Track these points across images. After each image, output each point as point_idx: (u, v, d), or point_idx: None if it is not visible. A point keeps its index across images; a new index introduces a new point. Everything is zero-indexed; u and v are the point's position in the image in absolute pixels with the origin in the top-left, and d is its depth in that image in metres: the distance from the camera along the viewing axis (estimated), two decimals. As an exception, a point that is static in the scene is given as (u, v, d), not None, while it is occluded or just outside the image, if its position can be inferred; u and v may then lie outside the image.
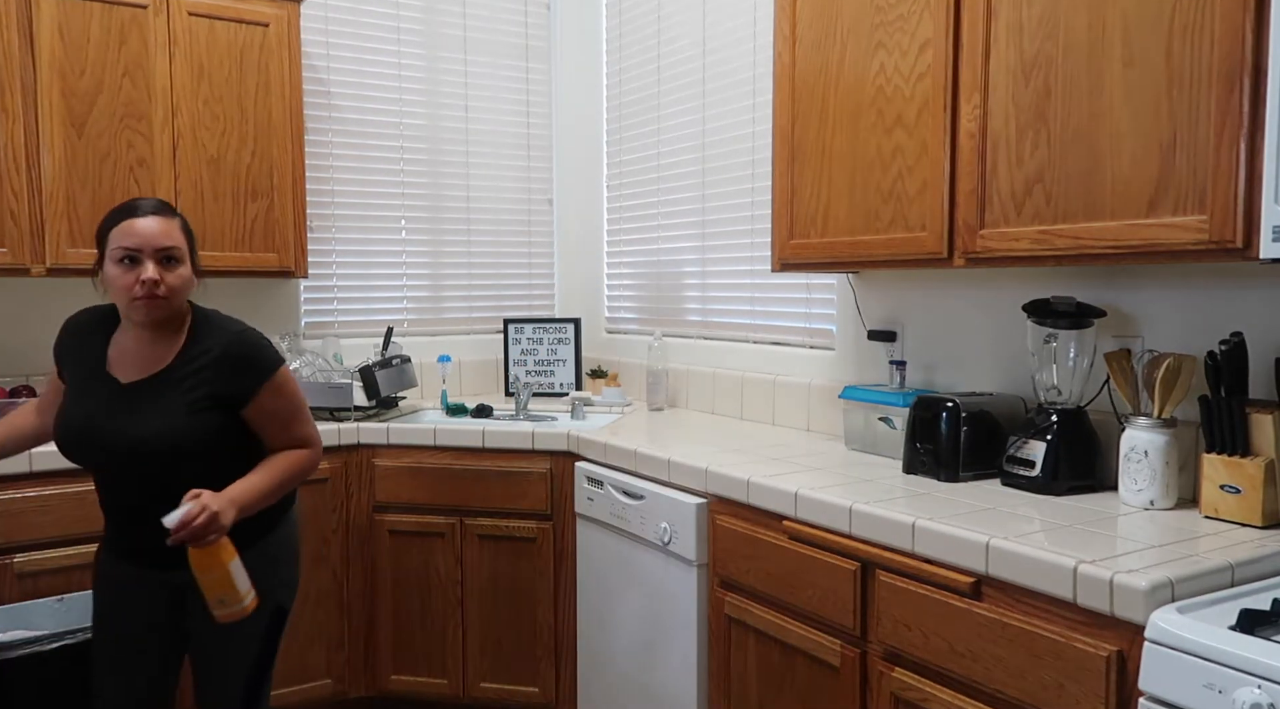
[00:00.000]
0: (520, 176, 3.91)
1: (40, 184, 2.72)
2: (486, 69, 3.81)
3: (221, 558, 1.72)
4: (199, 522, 1.66)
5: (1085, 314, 1.97)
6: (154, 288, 1.76)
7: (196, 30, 2.92)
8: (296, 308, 3.46)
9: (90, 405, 1.82)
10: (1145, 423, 1.81)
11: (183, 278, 1.82)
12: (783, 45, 2.40)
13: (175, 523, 1.65)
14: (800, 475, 2.13)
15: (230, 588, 1.74)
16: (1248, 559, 1.49)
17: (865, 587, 1.84)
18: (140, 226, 1.77)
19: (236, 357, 1.83)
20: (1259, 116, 1.47)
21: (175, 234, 1.81)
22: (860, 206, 2.20)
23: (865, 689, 1.85)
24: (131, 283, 1.76)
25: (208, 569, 1.71)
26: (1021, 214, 1.84)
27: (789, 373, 2.92)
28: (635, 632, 2.52)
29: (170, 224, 1.82)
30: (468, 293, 3.84)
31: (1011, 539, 1.58)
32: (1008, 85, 1.86)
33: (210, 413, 1.81)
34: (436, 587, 2.95)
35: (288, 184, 3.10)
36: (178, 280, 1.81)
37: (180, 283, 1.82)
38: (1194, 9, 1.55)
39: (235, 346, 1.84)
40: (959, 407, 2.08)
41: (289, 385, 1.91)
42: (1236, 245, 1.51)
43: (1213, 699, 1.24)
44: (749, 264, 3.07)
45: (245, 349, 1.85)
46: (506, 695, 2.92)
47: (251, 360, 1.85)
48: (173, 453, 1.78)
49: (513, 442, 2.86)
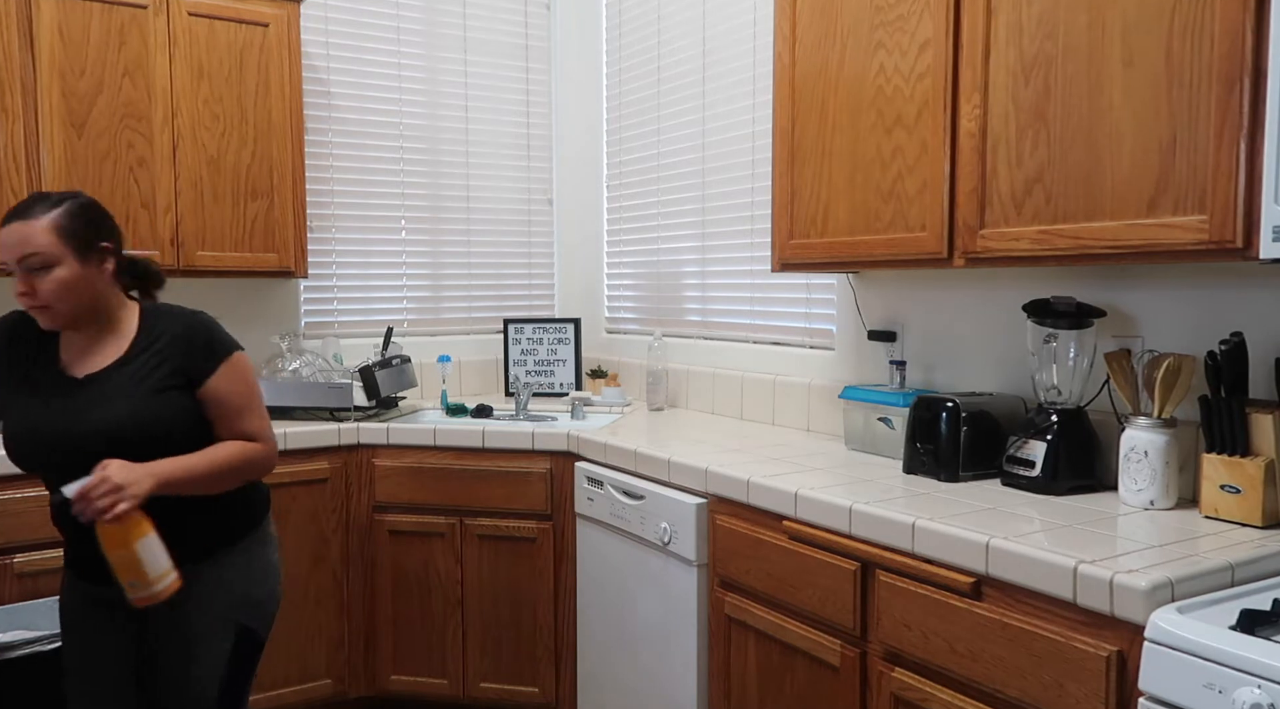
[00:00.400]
0: (520, 176, 3.91)
1: (40, 184, 2.72)
2: (486, 69, 3.81)
3: (129, 534, 1.59)
4: (102, 490, 1.55)
5: (1085, 314, 1.97)
6: (28, 300, 1.67)
7: (196, 30, 2.92)
8: (296, 308, 3.46)
9: (42, 402, 1.74)
10: (1145, 423, 1.81)
11: (58, 282, 1.67)
12: (783, 45, 2.40)
13: (74, 493, 1.54)
14: (800, 475, 2.13)
15: (138, 569, 1.60)
16: (1248, 559, 1.49)
17: (865, 587, 1.84)
18: (1, 240, 1.68)
19: (196, 334, 1.77)
20: (1259, 117, 1.47)
21: (36, 237, 1.66)
22: (860, 206, 2.20)
23: (865, 689, 1.85)
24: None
25: (114, 546, 1.59)
26: (1021, 214, 1.84)
27: (789, 373, 2.92)
28: (635, 632, 2.52)
29: (30, 227, 1.66)
30: (468, 293, 3.84)
31: (1011, 539, 1.58)
32: (1008, 85, 1.86)
33: (175, 392, 1.74)
34: (436, 587, 2.95)
35: (288, 184, 3.10)
36: (51, 286, 1.67)
37: (55, 288, 1.67)
38: (1194, 9, 1.55)
39: (196, 326, 1.79)
40: (959, 407, 2.08)
41: (247, 373, 1.83)
42: (1236, 245, 1.51)
43: (1213, 699, 1.24)
44: (749, 264, 3.07)
45: (205, 329, 1.79)
46: (506, 695, 2.92)
47: (211, 339, 1.79)
48: (141, 435, 1.69)
49: (513, 442, 2.86)
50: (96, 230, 1.74)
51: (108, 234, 1.77)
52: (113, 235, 1.78)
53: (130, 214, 2.84)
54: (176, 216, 2.92)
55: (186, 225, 2.93)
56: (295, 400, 3.04)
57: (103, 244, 1.75)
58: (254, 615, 1.87)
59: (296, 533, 2.86)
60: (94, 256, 1.73)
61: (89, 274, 1.72)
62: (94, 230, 1.74)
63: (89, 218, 1.74)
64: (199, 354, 1.77)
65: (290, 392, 3.04)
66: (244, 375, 1.82)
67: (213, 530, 1.83)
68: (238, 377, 1.80)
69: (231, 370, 1.79)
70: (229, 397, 1.79)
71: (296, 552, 2.87)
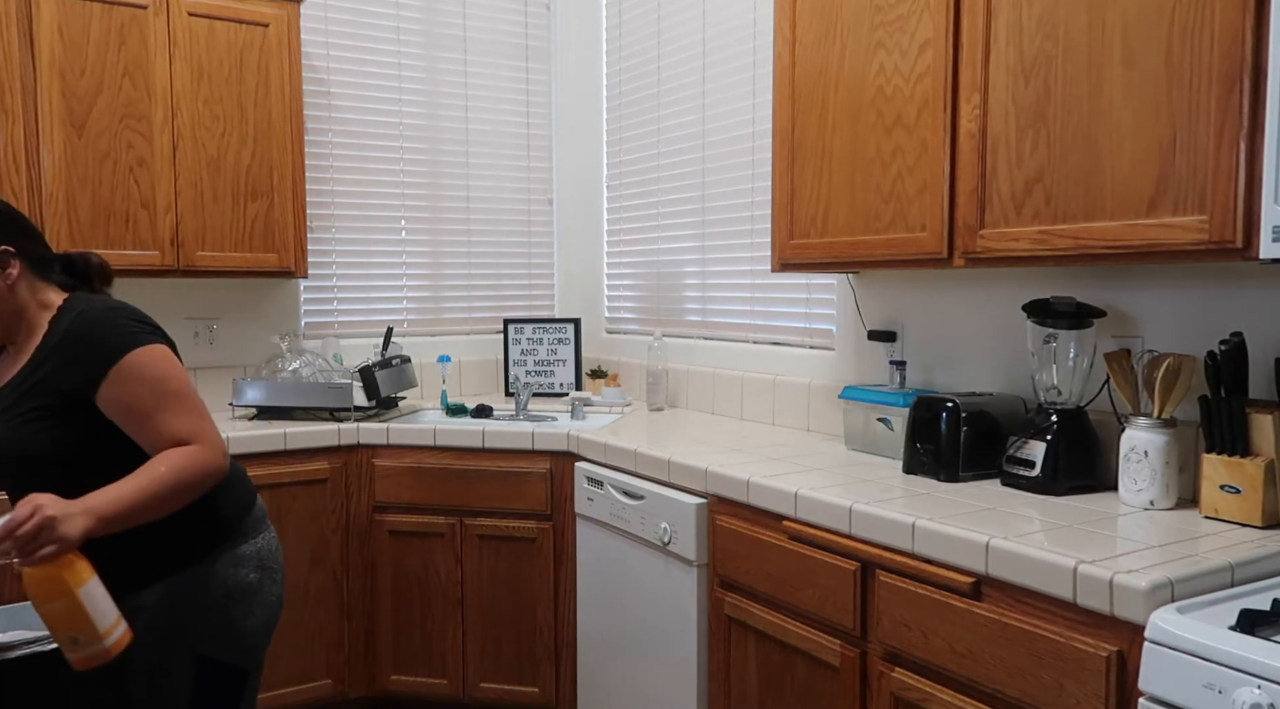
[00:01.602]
0: (520, 176, 3.91)
1: (40, 184, 2.72)
2: (486, 69, 3.81)
3: (66, 581, 1.31)
4: (27, 527, 1.29)
5: (1085, 314, 1.97)
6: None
7: (196, 30, 2.92)
8: (296, 308, 3.46)
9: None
10: (1145, 423, 1.81)
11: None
12: (783, 45, 2.40)
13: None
14: (800, 475, 2.13)
15: (83, 621, 1.32)
16: (1248, 559, 1.49)
17: (865, 587, 1.84)
18: None
19: (73, 340, 1.50)
20: (1259, 117, 1.47)
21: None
22: (860, 207, 2.20)
23: (865, 689, 1.85)
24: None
25: (49, 596, 1.31)
26: (1021, 214, 1.84)
27: (789, 373, 2.92)
28: (635, 632, 2.52)
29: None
30: (468, 293, 3.84)
31: (1011, 539, 1.58)
32: (1008, 85, 1.86)
33: (46, 419, 1.48)
34: (436, 587, 2.95)
35: (288, 184, 3.10)
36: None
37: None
38: (1194, 9, 1.55)
39: (74, 327, 1.51)
40: (959, 407, 2.08)
41: (148, 370, 1.50)
42: (1236, 245, 1.51)
43: (1213, 699, 1.24)
44: (749, 264, 3.07)
45: (83, 329, 1.50)
46: (506, 695, 2.92)
47: (90, 343, 1.49)
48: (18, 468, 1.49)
49: (513, 442, 2.86)
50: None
51: (5, 236, 1.54)
52: (12, 236, 1.55)
53: (130, 214, 2.85)
54: (176, 217, 2.92)
55: (186, 225, 2.93)
56: (295, 400, 3.04)
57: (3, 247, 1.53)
58: (223, 646, 1.60)
59: (296, 533, 2.86)
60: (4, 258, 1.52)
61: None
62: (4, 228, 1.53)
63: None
64: (75, 367, 1.49)
65: (290, 392, 3.04)
66: (142, 375, 1.50)
67: (154, 552, 1.56)
68: (135, 378, 1.49)
69: (123, 375, 1.49)
70: (130, 404, 1.49)
71: (296, 552, 2.87)
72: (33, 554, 1.30)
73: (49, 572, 1.30)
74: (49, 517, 1.31)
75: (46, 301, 1.58)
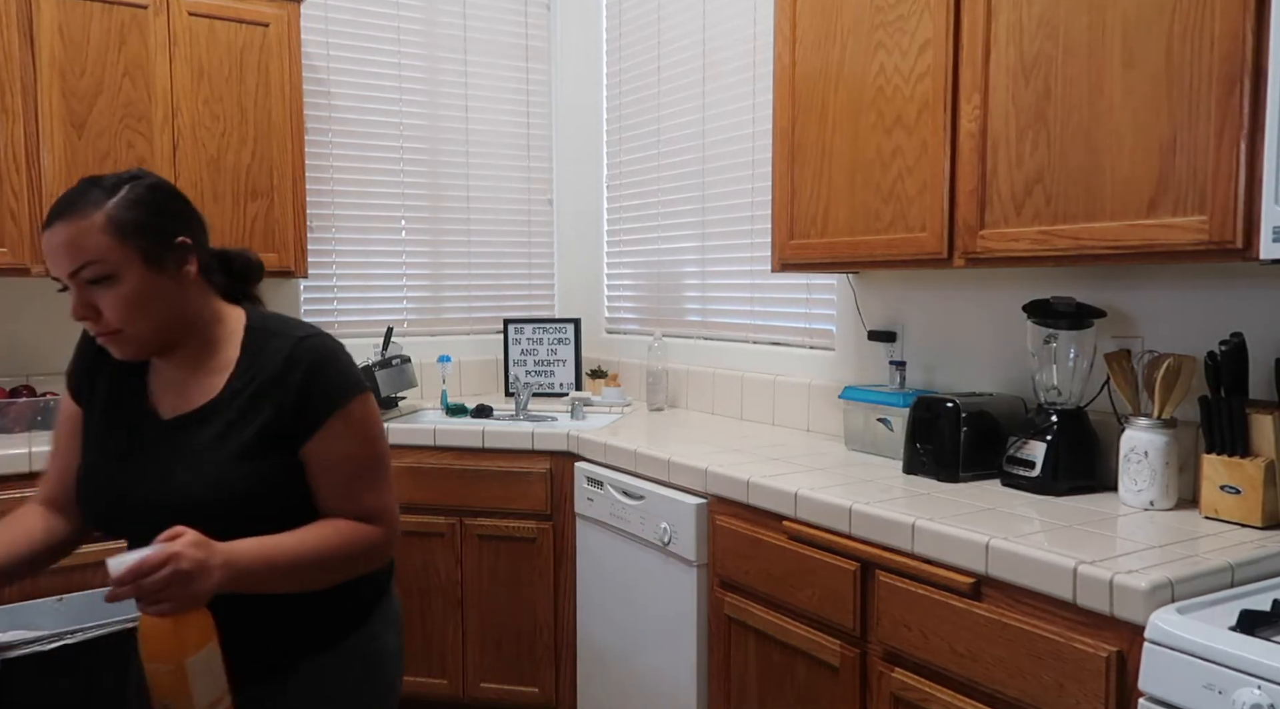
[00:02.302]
0: (520, 176, 3.91)
1: (40, 184, 2.72)
2: (486, 69, 3.81)
3: (181, 640, 1.13)
4: (155, 578, 1.09)
5: (1085, 314, 1.97)
6: (92, 326, 1.27)
7: (196, 30, 2.92)
8: (296, 308, 3.46)
9: (118, 453, 1.33)
10: (1145, 423, 1.81)
11: (124, 298, 1.24)
12: (783, 46, 2.40)
13: (123, 571, 1.09)
14: (800, 475, 2.13)
15: (182, 693, 1.13)
16: (1248, 560, 1.49)
17: (865, 587, 1.84)
18: (46, 245, 1.24)
19: (299, 371, 1.29)
20: (1259, 117, 1.47)
21: (88, 240, 1.22)
22: (860, 207, 2.20)
23: (865, 689, 1.85)
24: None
25: (155, 655, 1.13)
26: (1021, 214, 1.84)
27: (789, 373, 2.92)
28: (635, 632, 2.52)
29: (80, 226, 1.22)
30: (468, 293, 3.84)
31: (1011, 539, 1.58)
32: (1008, 85, 1.86)
33: (271, 452, 1.28)
34: (436, 587, 2.95)
35: (288, 184, 3.10)
36: (117, 305, 1.24)
37: (124, 309, 1.24)
38: (1194, 10, 1.55)
39: (300, 359, 1.29)
40: (959, 407, 2.08)
41: (368, 428, 1.32)
42: (1236, 246, 1.51)
43: (1213, 700, 1.24)
44: (749, 264, 3.07)
45: (314, 364, 1.29)
46: (506, 695, 2.92)
47: (321, 380, 1.29)
48: (226, 512, 1.26)
49: (512, 442, 2.86)
50: (169, 221, 1.29)
51: (184, 224, 1.31)
52: (189, 225, 1.32)
53: (130, 214, 2.84)
54: (176, 216, 2.91)
55: (186, 225, 2.93)
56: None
57: (179, 239, 1.30)
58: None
59: (296, 533, 2.86)
60: (169, 258, 1.28)
61: (165, 284, 1.28)
62: (165, 221, 1.28)
63: (158, 205, 1.28)
64: (302, 401, 1.28)
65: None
66: (363, 432, 1.32)
67: (304, 631, 1.34)
68: (354, 434, 1.31)
69: (345, 426, 1.30)
70: (339, 462, 1.30)
71: (296, 552, 2.86)
72: (154, 605, 1.12)
73: (163, 626, 1.13)
74: (183, 572, 1.11)
75: (218, 310, 1.36)
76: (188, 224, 1.32)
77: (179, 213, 1.31)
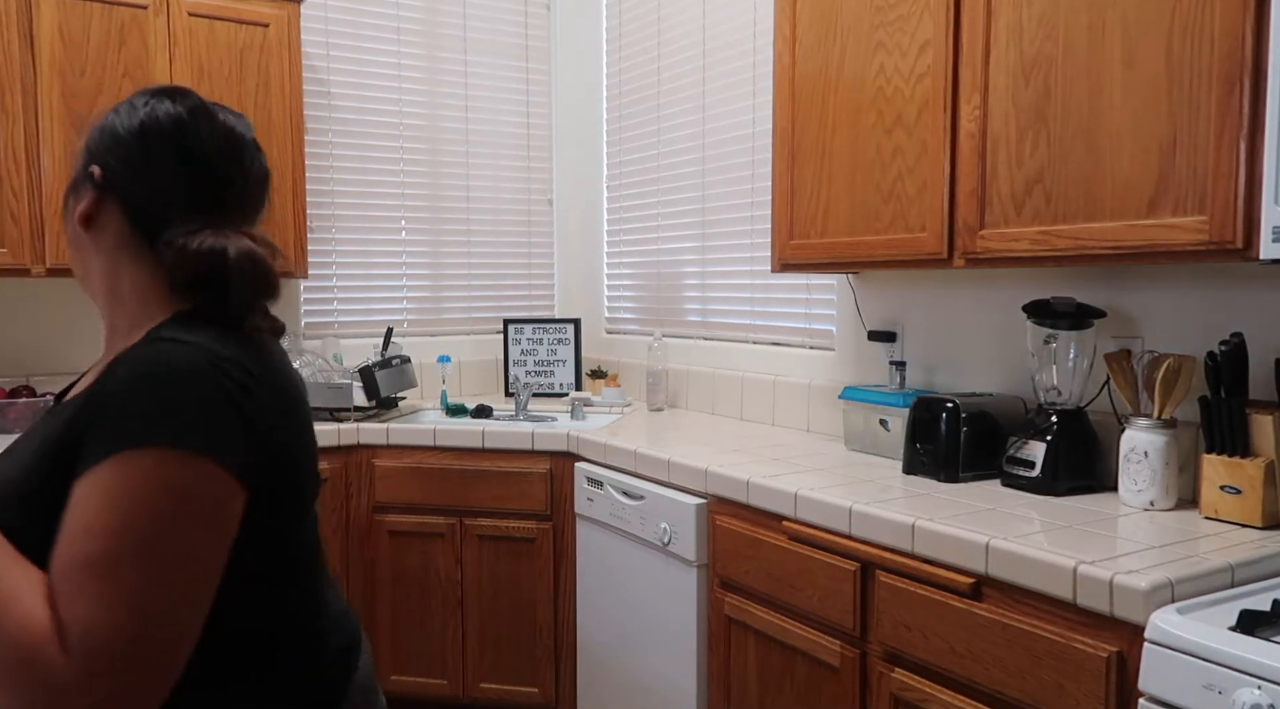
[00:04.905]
0: (520, 176, 3.91)
1: (40, 184, 2.72)
2: (486, 69, 3.81)
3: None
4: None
5: (1085, 314, 1.97)
6: None
7: (196, 30, 2.92)
8: (296, 308, 3.46)
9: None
10: (1145, 423, 1.81)
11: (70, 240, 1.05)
12: (783, 46, 2.40)
13: None
14: (800, 476, 2.13)
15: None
16: (1248, 560, 1.49)
17: (865, 587, 1.84)
18: None
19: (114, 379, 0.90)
20: (1259, 117, 1.47)
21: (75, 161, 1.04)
22: (860, 207, 2.20)
23: (865, 690, 1.85)
24: None
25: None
26: (1021, 214, 1.84)
27: (789, 373, 2.92)
28: (635, 632, 2.52)
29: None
30: (468, 293, 3.84)
31: (1011, 540, 1.58)
32: (1008, 85, 1.86)
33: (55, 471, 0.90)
34: (436, 587, 2.95)
35: (288, 184, 3.10)
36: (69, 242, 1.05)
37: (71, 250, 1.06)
38: (1194, 9, 1.55)
39: (126, 358, 0.92)
40: (959, 407, 2.08)
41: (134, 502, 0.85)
42: (1236, 246, 1.51)
43: (1213, 700, 1.24)
44: (749, 264, 3.07)
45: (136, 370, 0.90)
46: (506, 695, 2.92)
47: (119, 412, 0.88)
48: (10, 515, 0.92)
49: (512, 442, 2.86)
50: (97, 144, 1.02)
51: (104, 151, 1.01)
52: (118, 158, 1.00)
53: (130, 214, 2.84)
54: (176, 217, 2.91)
55: (186, 225, 2.93)
56: (295, 400, 3.04)
57: (90, 167, 1.01)
58: None
59: (296, 533, 2.86)
60: (72, 194, 1.04)
61: (71, 228, 1.04)
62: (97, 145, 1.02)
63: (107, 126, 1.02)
64: (93, 429, 0.89)
65: (290, 392, 3.04)
66: (122, 505, 0.85)
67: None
68: (108, 503, 0.85)
69: (105, 485, 0.86)
70: (73, 529, 0.86)
71: (296, 552, 2.86)
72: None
73: None
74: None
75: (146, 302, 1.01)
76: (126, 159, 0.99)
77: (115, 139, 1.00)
